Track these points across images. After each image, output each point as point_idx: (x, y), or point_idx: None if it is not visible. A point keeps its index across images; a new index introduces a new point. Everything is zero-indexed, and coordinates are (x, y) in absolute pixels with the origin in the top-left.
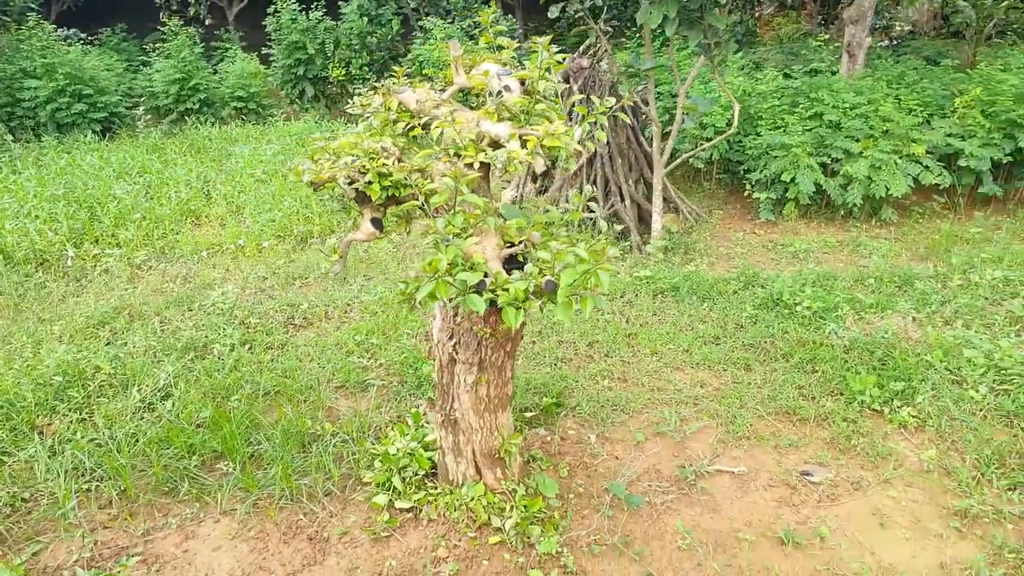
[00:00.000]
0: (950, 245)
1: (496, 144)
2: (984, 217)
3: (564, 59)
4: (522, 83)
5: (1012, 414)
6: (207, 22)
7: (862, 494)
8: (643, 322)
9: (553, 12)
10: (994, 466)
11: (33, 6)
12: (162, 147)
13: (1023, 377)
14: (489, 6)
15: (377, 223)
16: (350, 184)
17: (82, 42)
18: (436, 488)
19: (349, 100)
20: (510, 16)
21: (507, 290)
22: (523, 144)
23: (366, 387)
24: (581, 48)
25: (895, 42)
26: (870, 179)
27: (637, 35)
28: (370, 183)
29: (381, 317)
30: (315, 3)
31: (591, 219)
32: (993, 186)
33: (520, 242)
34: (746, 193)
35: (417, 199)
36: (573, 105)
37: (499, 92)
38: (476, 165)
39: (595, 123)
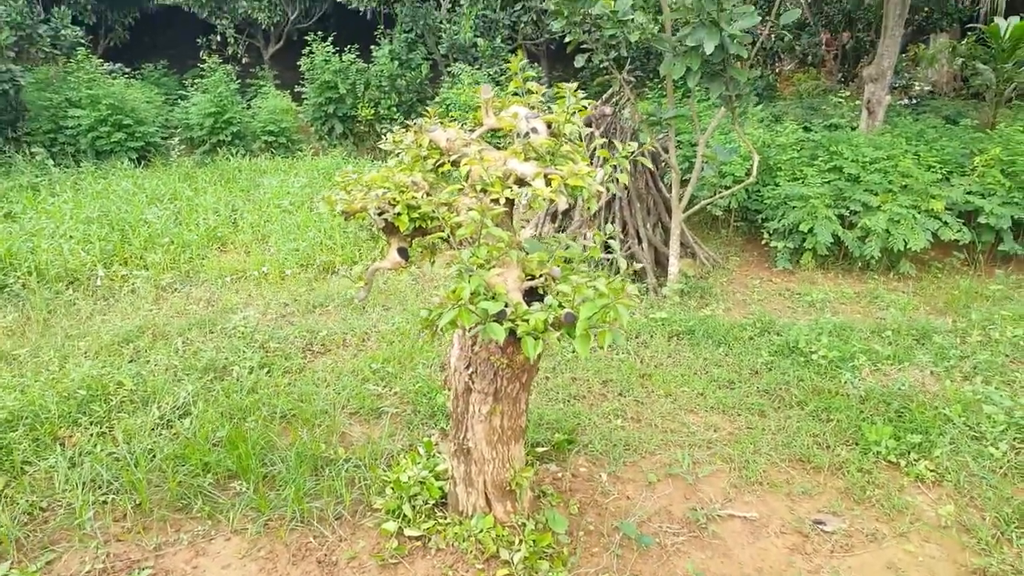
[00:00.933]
0: (969, 301)
1: (522, 182)
2: (1004, 275)
3: (588, 105)
4: (548, 126)
5: None
6: (243, 60)
7: (877, 546)
8: (658, 363)
9: (579, 61)
10: (1015, 525)
11: (82, 41)
12: (193, 176)
13: None
14: (516, 54)
15: (403, 253)
16: (380, 215)
17: (126, 76)
18: (446, 518)
19: (376, 138)
20: (536, 64)
21: (527, 320)
22: (547, 183)
23: (380, 414)
24: (604, 96)
25: (914, 101)
26: (888, 232)
27: (658, 86)
28: (399, 214)
29: (398, 347)
30: (348, 46)
31: (608, 259)
32: (1014, 244)
33: (541, 275)
34: (763, 241)
35: (443, 231)
36: (595, 149)
37: (526, 133)
38: (502, 201)
39: (616, 167)
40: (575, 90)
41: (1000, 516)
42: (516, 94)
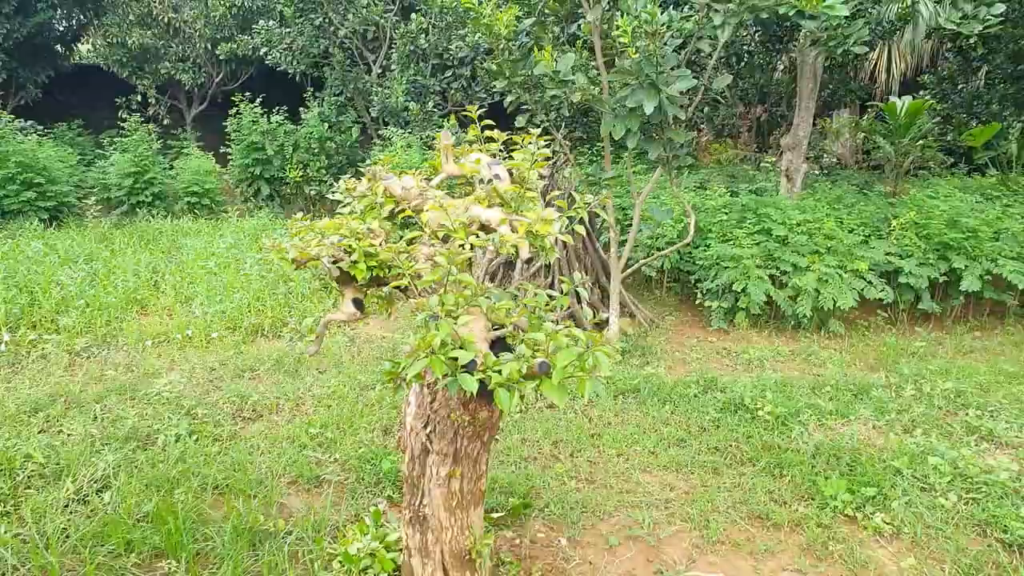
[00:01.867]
0: (898, 357)
1: (485, 228)
2: (926, 332)
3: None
4: (510, 172)
5: (984, 523)
6: (164, 121)
7: None
8: (607, 422)
9: (520, 121)
10: None
11: None
12: (111, 237)
13: (989, 486)
14: (450, 119)
15: (359, 304)
16: (334, 263)
17: (37, 134)
18: None
19: (305, 200)
20: (464, 129)
21: (498, 372)
22: (513, 230)
23: (321, 483)
24: None
25: (826, 171)
26: (818, 292)
27: (589, 148)
28: (355, 263)
29: (335, 410)
30: (276, 108)
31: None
32: (932, 303)
33: (510, 324)
34: (697, 302)
35: (403, 280)
36: (549, 201)
37: (490, 180)
38: (467, 247)
39: (573, 218)
40: (539, 136)
41: (959, 567)
42: (472, 142)
